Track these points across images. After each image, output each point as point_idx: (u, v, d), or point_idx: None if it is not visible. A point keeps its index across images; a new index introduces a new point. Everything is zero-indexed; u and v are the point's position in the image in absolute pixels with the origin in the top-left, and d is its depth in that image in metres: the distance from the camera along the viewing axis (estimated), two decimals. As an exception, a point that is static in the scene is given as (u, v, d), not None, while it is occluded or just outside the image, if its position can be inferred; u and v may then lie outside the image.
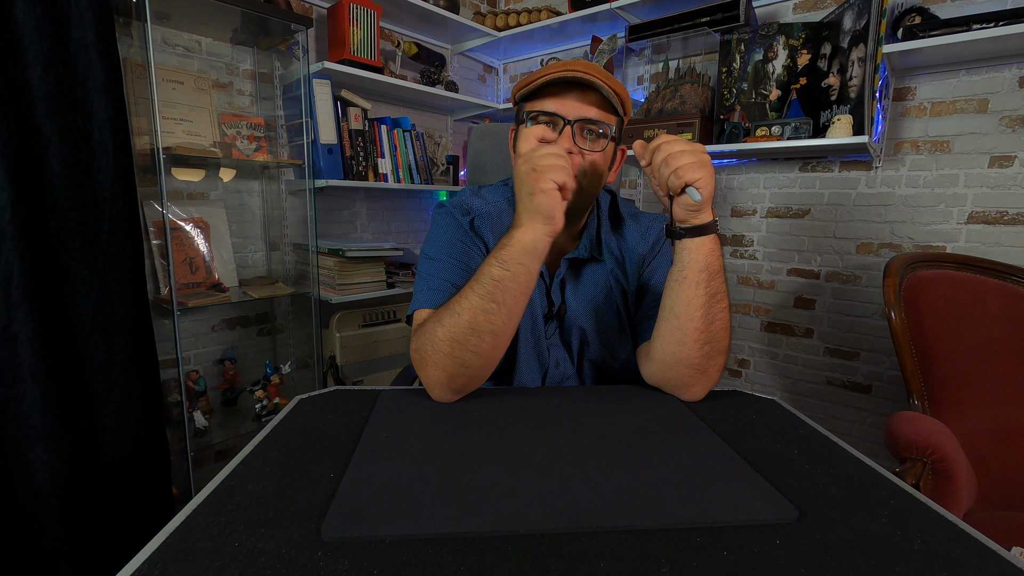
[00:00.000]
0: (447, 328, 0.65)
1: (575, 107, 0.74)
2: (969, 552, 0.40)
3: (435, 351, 0.65)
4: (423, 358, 0.67)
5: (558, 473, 0.50)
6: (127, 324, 1.25)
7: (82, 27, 1.13)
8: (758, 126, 1.67)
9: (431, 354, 0.66)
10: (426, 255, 0.81)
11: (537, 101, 0.76)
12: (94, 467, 1.22)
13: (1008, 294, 1.31)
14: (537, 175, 0.63)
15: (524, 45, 2.36)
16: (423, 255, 0.82)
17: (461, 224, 0.82)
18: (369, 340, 1.97)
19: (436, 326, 0.66)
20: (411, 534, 0.40)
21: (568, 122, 0.73)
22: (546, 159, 0.63)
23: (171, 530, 0.41)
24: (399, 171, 1.99)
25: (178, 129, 1.54)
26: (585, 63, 0.75)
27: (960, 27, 1.35)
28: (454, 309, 0.66)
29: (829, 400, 1.83)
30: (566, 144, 0.72)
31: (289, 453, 0.53)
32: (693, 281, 0.68)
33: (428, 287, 0.77)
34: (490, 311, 0.65)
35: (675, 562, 0.38)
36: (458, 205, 0.85)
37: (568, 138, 0.73)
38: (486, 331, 0.65)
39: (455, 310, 0.65)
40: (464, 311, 0.65)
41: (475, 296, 0.65)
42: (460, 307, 0.65)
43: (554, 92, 0.74)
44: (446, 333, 0.65)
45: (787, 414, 0.68)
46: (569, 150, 0.72)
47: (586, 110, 0.74)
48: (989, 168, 1.49)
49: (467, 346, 0.65)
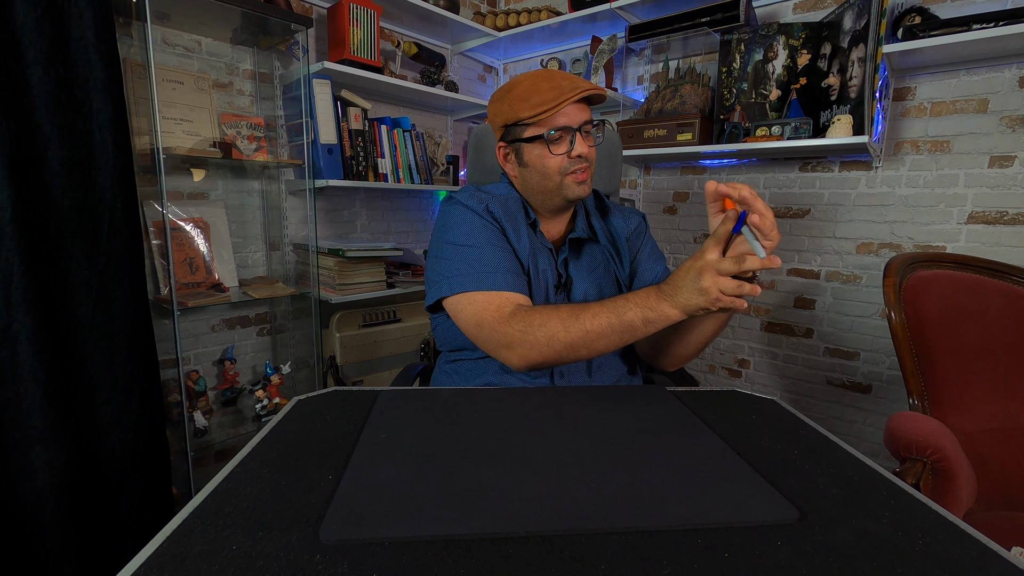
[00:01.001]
0: (570, 334, 0.75)
1: (576, 114, 0.87)
2: (970, 552, 0.40)
3: (547, 345, 0.76)
4: (527, 342, 0.76)
5: (558, 474, 0.50)
6: (127, 324, 1.25)
7: (82, 27, 1.13)
8: (758, 126, 1.67)
9: (541, 344, 0.76)
10: (452, 243, 0.88)
11: (548, 119, 0.86)
12: (94, 467, 1.22)
13: (1008, 294, 1.31)
14: (715, 292, 0.67)
15: (524, 45, 2.36)
16: (447, 243, 0.89)
17: (477, 211, 0.91)
18: (369, 340, 1.97)
19: (558, 326, 0.75)
20: (410, 536, 0.40)
21: (575, 130, 0.87)
22: (729, 284, 0.66)
23: (168, 533, 0.40)
24: (399, 171, 1.98)
25: (178, 129, 1.54)
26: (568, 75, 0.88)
27: (960, 27, 1.34)
28: (584, 322, 0.75)
29: (829, 400, 1.83)
30: (584, 150, 0.88)
31: (287, 455, 0.53)
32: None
33: (477, 271, 0.84)
34: (611, 341, 0.75)
35: (676, 564, 0.38)
36: (467, 197, 0.94)
37: (582, 143, 0.88)
38: (596, 350, 0.76)
39: (584, 323, 0.75)
40: (592, 329, 0.74)
41: (606, 323, 0.74)
42: (590, 324, 0.74)
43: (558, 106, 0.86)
44: (567, 337, 0.75)
45: (787, 414, 0.68)
46: (588, 153, 0.89)
47: (583, 114, 0.88)
48: (989, 168, 1.49)
49: (576, 353, 0.76)
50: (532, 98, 0.85)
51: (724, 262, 0.66)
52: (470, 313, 0.82)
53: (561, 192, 0.91)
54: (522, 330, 0.77)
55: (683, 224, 2.10)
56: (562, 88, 0.84)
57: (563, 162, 0.88)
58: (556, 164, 0.89)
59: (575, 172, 0.89)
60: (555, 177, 0.90)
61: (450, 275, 0.85)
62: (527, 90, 0.87)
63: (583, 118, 0.87)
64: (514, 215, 0.94)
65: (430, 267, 0.92)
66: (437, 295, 0.87)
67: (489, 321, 0.80)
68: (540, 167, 0.90)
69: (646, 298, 0.73)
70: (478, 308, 0.81)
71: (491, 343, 0.80)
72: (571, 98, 0.84)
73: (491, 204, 0.93)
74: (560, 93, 0.84)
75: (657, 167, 2.14)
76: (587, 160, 0.89)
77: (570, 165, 0.89)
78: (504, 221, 0.92)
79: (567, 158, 0.88)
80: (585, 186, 0.91)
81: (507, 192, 0.97)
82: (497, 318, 0.79)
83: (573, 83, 0.85)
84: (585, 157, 0.88)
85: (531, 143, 0.89)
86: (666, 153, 1.85)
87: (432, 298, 0.88)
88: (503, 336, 0.78)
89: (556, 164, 0.89)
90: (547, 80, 0.86)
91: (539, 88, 0.86)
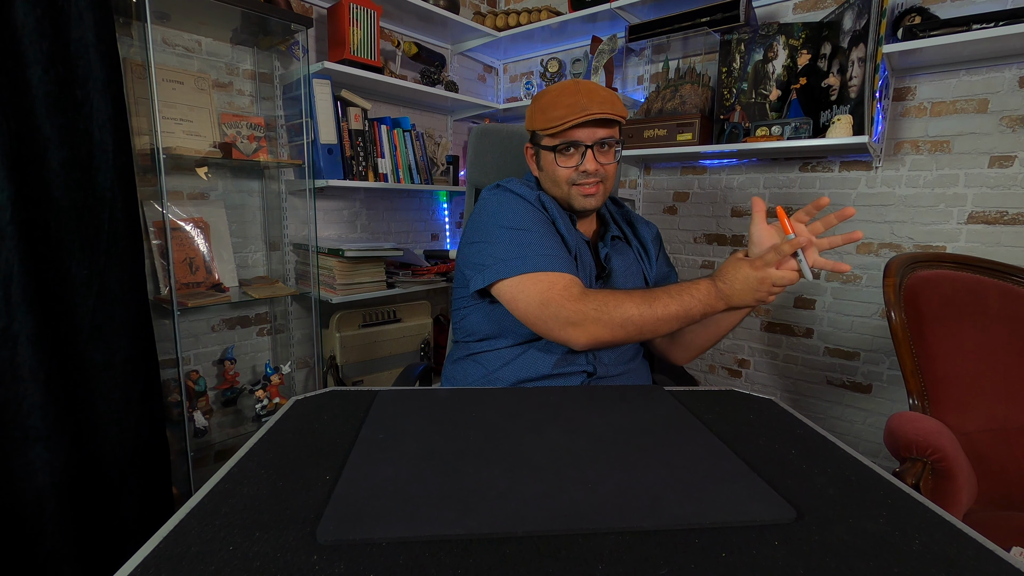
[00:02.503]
0: (644, 318, 0.80)
1: (590, 131, 0.91)
2: (968, 552, 0.40)
3: (620, 326, 0.80)
4: (601, 320, 0.80)
5: (555, 474, 0.50)
6: (127, 324, 1.25)
7: (82, 27, 1.13)
8: (758, 126, 1.67)
9: (615, 324, 0.80)
10: (507, 226, 0.91)
11: (561, 133, 0.91)
12: (94, 467, 1.22)
13: (1008, 294, 1.30)
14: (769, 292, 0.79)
15: (524, 45, 2.35)
16: (501, 227, 0.91)
17: (530, 199, 0.95)
18: (369, 340, 1.97)
19: (634, 310, 0.80)
20: (407, 536, 0.40)
21: (588, 146, 0.91)
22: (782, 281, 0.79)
23: (165, 534, 0.40)
24: (399, 171, 1.98)
25: (178, 129, 1.54)
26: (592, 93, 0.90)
27: (960, 27, 1.34)
28: (656, 309, 0.80)
29: (829, 400, 1.82)
30: (592, 167, 0.92)
31: (284, 455, 0.53)
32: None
33: (539, 253, 0.87)
34: (671, 327, 0.82)
35: (673, 563, 0.38)
36: (517, 186, 0.98)
37: (592, 160, 0.92)
38: (657, 333, 0.82)
39: (656, 310, 0.80)
40: (662, 316, 0.80)
41: (674, 312, 0.80)
42: (662, 312, 0.80)
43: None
44: (641, 320, 0.80)
45: (785, 414, 0.68)
46: (597, 170, 0.92)
47: (599, 132, 0.91)
48: (989, 168, 1.49)
49: (641, 334, 0.82)
50: (550, 111, 0.91)
51: (786, 277, 0.78)
52: (535, 292, 0.84)
53: (568, 201, 0.97)
54: (597, 308, 0.81)
55: (683, 224, 2.10)
56: (574, 107, 0.89)
57: (571, 174, 0.94)
58: (565, 175, 0.94)
59: (582, 185, 0.94)
60: (563, 186, 0.95)
61: (507, 257, 0.87)
62: (550, 102, 0.92)
63: (598, 136, 0.91)
64: (558, 208, 0.99)
65: (478, 252, 0.92)
66: (493, 277, 0.87)
67: (557, 299, 0.82)
68: (552, 174, 0.96)
69: (707, 294, 0.80)
70: (544, 287, 0.84)
71: (556, 321, 0.82)
72: (576, 120, 0.87)
73: (542, 195, 0.98)
74: (570, 112, 0.88)
75: (657, 167, 2.14)
76: (596, 176, 0.93)
77: (577, 177, 0.94)
78: (554, 211, 0.96)
79: (575, 171, 0.93)
80: (592, 199, 0.96)
81: (536, 190, 1.01)
82: (567, 296, 0.82)
83: (588, 103, 0.88)
84: (593, 173, 0.93)
85: (547, 151, 0.95)
86: (666, 153, 1.84)
87: (486, 280, 0.89)
88: (574, 313, 0.81)
89: (565, 175, 0.94)
90: (570, 96, 0.90)
91: (559, 103, 0.90)
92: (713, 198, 2.01)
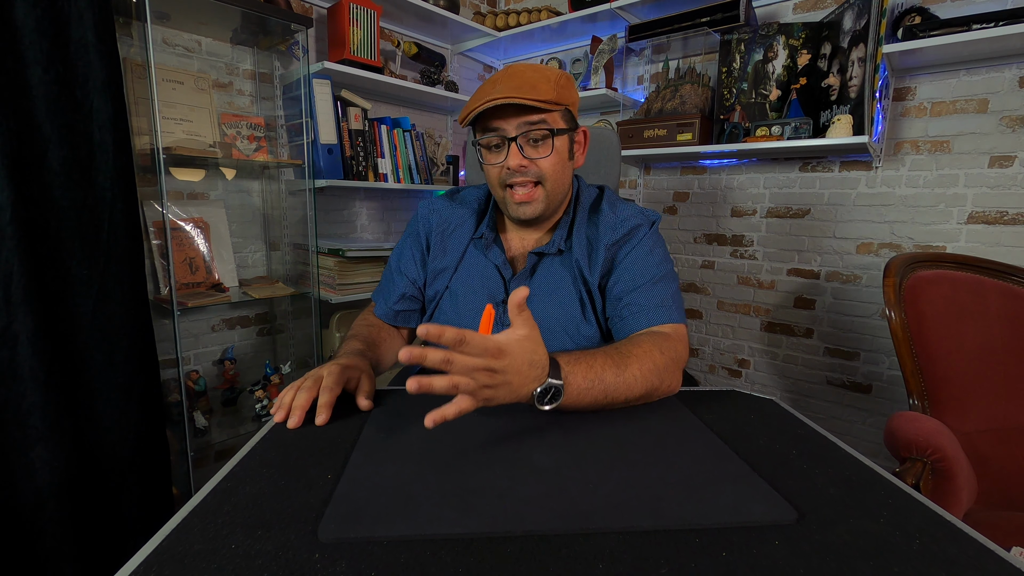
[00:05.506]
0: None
1: (514, 121, 0.76)
2: (968, 552, 0.40)
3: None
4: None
5: (556, 474, 0.50)
6: (127, 324, 1.25)
7: (82, 27, 1.13)
8: (758, 126, 1.67)
9: None
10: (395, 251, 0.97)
11: (480, 123, 0.79)
12: (94, 467, 1.22)
13: (1008, 294, 1.31)
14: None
15: (524, 45, 2.36)
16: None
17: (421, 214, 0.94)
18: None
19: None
20: (408, 535, 0.40)
21: (511, 139, 0.77)
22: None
23: (167, 532, 0.40)
24: (399, 171, 1.98)
25: (178, 129, 1.54)
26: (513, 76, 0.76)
27: (960, 27, 1.34)
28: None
29: (829, 400, 1.83)
30: (514, 162, 0.77)
31: (286, 454, 0.53)
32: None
33: (381, 286, 0.97)
34: None
35: (674, 563, 0.38)
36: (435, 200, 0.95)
37: (516, 155, 0.77)
38: None
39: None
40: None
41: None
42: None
43: (493, 111, 0.76)
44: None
45: (785, 414, 0.68)
46: (522, 164, 0.77)
47: (523, 119, 0.76)
48: (989, 168, 1.49)
49: None
50: (472, 101, 0.78)
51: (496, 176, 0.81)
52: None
53: (505, 207, 0.83)
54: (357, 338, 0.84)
55: (683, 224, 2.10)
56: (484, 93, 0.76)
57: (499, 172, 0.80)
58: (494, 174, 0.80)
59: (512, 187, 0.79)
60: (498, 189, 0.82)
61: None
62: (477, 90, 0.79)
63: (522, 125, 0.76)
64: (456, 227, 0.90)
65: None
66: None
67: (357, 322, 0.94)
68: (486, 175, 0.83)
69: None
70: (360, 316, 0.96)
71: None
72: (477, 108, 0.74)
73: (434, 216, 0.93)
74: (479, 98, 0.76)
75: (657, 167, 2.14)
76: (526, 174, 0.78)
77: (507, 177, 0.79)
78: (434, 235, 0.91)
79: (504, 169, 0.78)
80: (527, 207, 0.80)
81: (477, 197, 0.93)
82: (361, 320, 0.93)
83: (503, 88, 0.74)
84: (517, 169, 0.77)
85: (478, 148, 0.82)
86: (666, 153, 1.85)
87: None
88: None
89: (494, 174, 0.80)
90: (490, 82, 0.78)
91: (481, 90, 0.78)
92: (713, 198, 2.01)
